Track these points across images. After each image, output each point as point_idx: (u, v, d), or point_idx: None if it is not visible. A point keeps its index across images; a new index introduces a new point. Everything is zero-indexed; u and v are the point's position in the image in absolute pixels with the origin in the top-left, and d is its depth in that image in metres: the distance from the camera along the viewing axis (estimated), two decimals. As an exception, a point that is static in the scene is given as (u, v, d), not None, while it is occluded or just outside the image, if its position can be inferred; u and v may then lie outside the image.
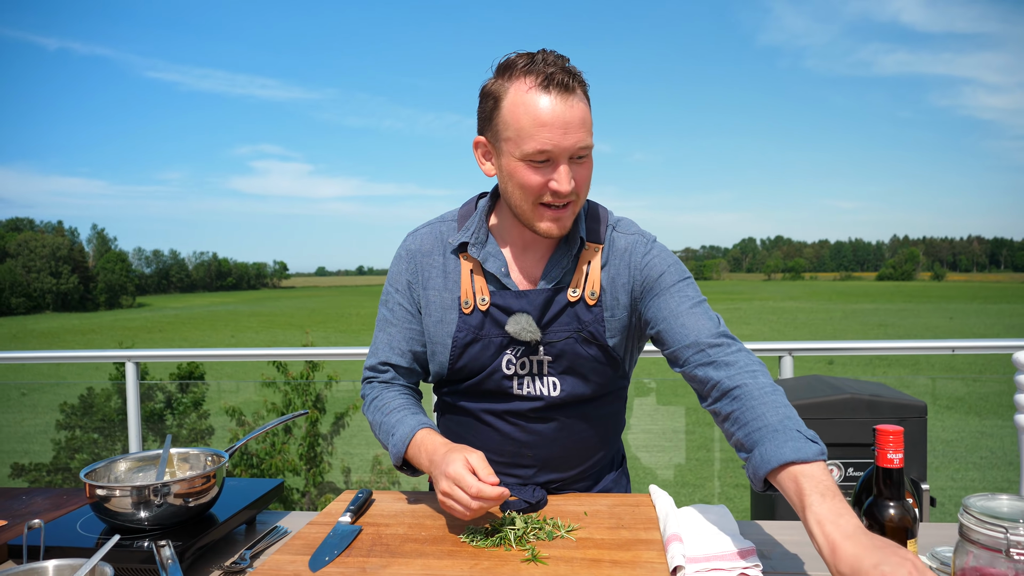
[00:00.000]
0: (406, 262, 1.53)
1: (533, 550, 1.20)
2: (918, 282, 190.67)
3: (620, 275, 1.46)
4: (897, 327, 46.34)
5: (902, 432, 1.05)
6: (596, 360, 1.45)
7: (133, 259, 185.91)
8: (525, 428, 1.48)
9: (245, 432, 8.30)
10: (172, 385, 9.37)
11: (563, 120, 1.28)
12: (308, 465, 7.68)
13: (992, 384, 10.21)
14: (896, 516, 1.04)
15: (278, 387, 8.17)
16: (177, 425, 8.98)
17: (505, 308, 1.44)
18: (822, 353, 3.08)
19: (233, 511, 1.40)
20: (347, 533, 1.29)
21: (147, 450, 1.49)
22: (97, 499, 1.28)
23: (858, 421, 2.37)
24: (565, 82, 1.28)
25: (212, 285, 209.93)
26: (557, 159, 1.31)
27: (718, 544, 1.28)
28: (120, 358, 3.25)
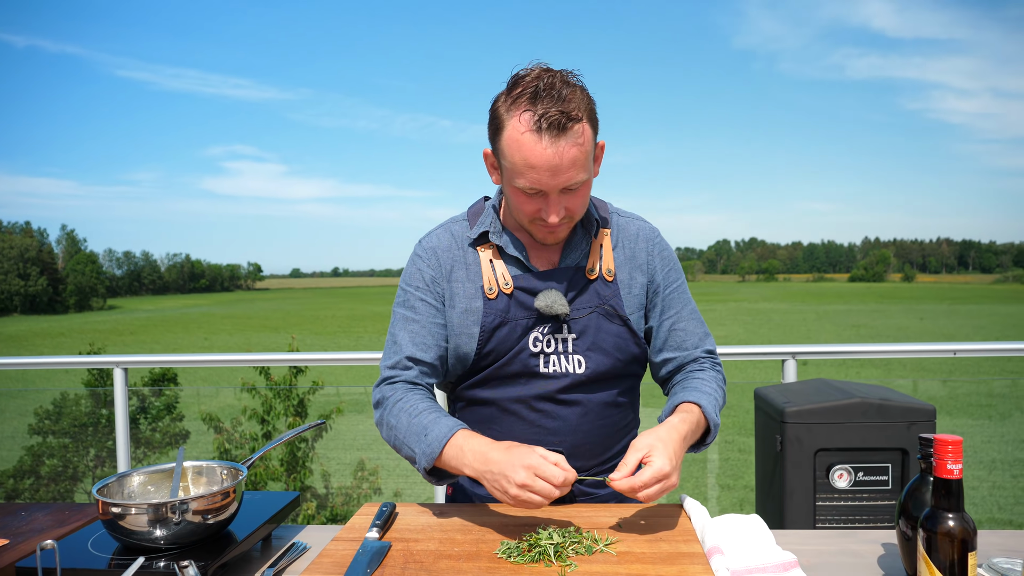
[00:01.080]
0: (426, 260, 1.55)
1: (574, 565, 1.16)
2: (889, 283, 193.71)
3: (636, 256, 1.57)
4: (869, 328, 46.98)
5: (961, 442, 1.02)
6: (618, 335, 1.52)
7: (104, 261, 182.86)
8: (550, 413, 1.49)
9: (224, 439, 8.16)
10: (146, 389, 9.18)
11: (552, 164, 1.33)
12: (289, 471, 7.57)
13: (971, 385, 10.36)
14: (956, 528, 1.01)
15: (258, 392, 8.03)
16: (151, 429, 8.82)
17: (530, 289, 1.49)
18: (823, 356, 3.07)
19: (252, 527, 1.35)
20: (377, 550, 1.24)
21: (160, 463, 1.42)
22: (111, 517, 1.22)
23: (868, 425, 2.36)
24: (560, 123, 1.31)
25: (185, 287, 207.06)
26: (548, 193, 1.38)
27: (760, 556, 1.25)
28: (108, 364, 3.16)
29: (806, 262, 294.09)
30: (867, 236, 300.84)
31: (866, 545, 1.39)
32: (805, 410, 2.37)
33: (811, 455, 2.37)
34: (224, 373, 14.59)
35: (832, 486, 2.38)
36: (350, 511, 7.98)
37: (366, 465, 8.33)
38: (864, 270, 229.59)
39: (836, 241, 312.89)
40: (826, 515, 2.38)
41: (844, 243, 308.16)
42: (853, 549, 1.37)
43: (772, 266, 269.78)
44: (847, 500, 2.39)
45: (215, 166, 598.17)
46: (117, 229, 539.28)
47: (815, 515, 2.38)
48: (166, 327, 60.35)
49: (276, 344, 39.20)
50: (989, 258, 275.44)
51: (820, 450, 2.37)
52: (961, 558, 1.01)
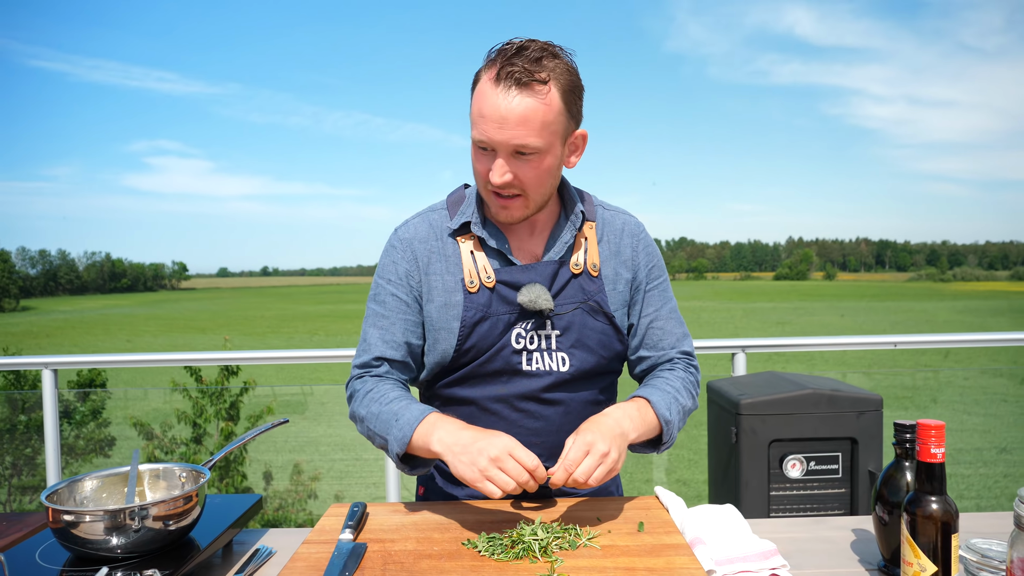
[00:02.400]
0: (401, 251, 1.48)
1: (560, 560, 1.13)
2: (812, 281, 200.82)
3: (622, 251, 1.52)
4: (793, 324, 48.56)
5: (944, 426, 1.04)
6: (602, 332, 1.48)
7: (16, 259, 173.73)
8: (533, 413, 1.45)
9: (154, 445, 7.83)
10: (70, 393, 8.74)
11: (499, 114, 1.29)
12: (220, 475, 7.31)
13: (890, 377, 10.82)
14: (939, 510, 1.03)
15: (189, 394, 7.74)
16: (75, 436, 8.40)
17: (512, 283, 1.43)
18: (773, 350, 3.13)
19: (215, 533, 1.27)
20: (353, 552, 1.19)
21: (114, 467, 1.33)
22: (63, 525, 1.13)
23: (818, 416, 2.41)
24: (519, 77, 1.29)
25: (105, 287, 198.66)
26: (496, 150, 1.33)
27: (740, 546, 1.25)
28: (35, 365, 2.97)
29: (733, 261, 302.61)
30: (791, 236, 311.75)
31: (838, 531, 1.41)
32: (759, 402, 2.40)
33: (765, 446, 2.41)
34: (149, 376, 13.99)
35: (785, 475, 2.42)
36: (286, 515, 7.78)
37: (304, 469, 8.13)
38: (788, 269, 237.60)
39: (762, 241, 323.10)
40: (780, 504, 2.43)
41: (769, 243, 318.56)
42: (826, 535, 1.39)
43: (701, 265, 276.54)
44: (799, 489, 2.44)
45: (138, 162, 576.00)
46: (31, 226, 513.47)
47: (769, 504, 2.43)
48: (85, 329, 57.71)
49: (204, 345, 37.94)
50: (904, 257, 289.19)
51: (774, 440, 2.41)
52: (945, 540, 1.03)
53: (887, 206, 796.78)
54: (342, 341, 34.74)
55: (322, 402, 10.55)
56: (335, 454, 9.56)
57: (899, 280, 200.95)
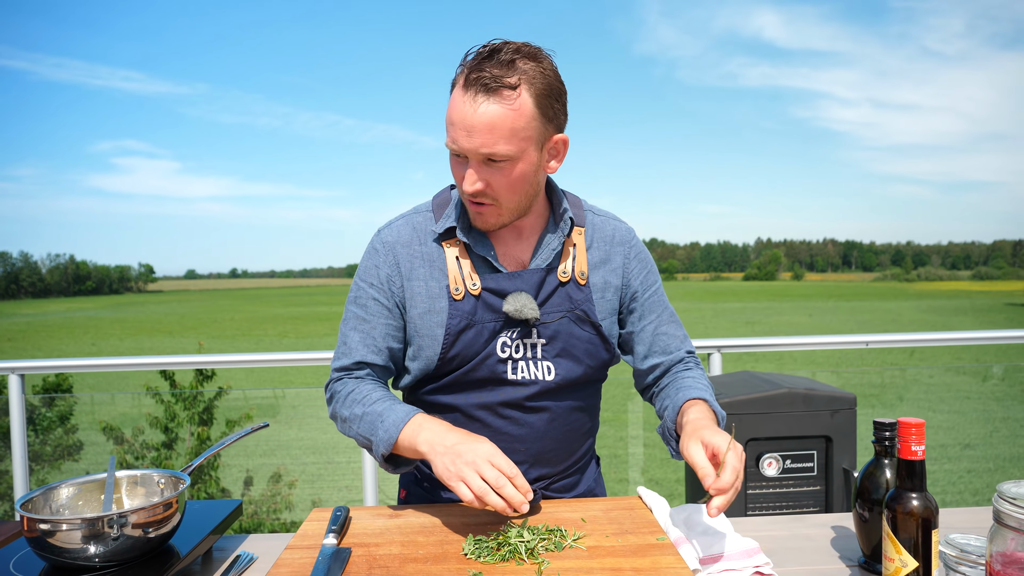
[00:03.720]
0: (383, 255, 1.45)
1: (547, 562, 1.13)
2: (780, 282, 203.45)
3: (612, 259, 1.50)
4: (763, 324, 49.16)
5: (924, 424, 1.06)
6: (589, 341, 1.46)
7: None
8: (517, 420, 1.44)
9: (124, 450, 7.68)
10: (35, 399, 8.55)
11: (467, 122, 1.28)
12: (193, 480, 7.20)
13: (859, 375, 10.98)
14: (920, 507, 1.05)
15: (161, 399, 7.61)
16: (40, 442, 8.22)
17: (498, 291, 1.41)
18: (749, 349, 3.17)
19: (195, 540, 1.26)
20: (338, 556, 1.17)
21: (91, 474, 1.30)
22: (39, 533, 1.11)
23: (795, 415, 2.44)
24: (486, 83, 1.26)
25: (69, 290, 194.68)
26: (468, 157, 1.32)
27: (723, 545, 1.26)
28: (1, 370, 2.90)
29: (703, 262, 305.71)
30: (760, 237, 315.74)
31: (818, 529, 1.43)
32: (737, 401, 2.43)
33: (742, 445, 2.43)
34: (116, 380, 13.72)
35: (762, 474, 2.45)
36: (260, 522, 7.68)
37: (284, 475, 8.03)
38: (757, 269, 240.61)
39: (731, 242, 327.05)
40: (757, 502, 2.46)
41: (739, 243, 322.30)
42: (805, 533, 1.41)
43: (672, 266, 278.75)
44: (776, 487, 2.47)
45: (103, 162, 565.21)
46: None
47: (746, 503, 2.45)
48: (49, 332, 56.49)
49: (173, 348, 37.31)
50: (870, 257, 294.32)
51: (751, 439, 2.44)
52: (925, 536, 1.05)
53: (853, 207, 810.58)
54: (313, 343, 34.43)
55: (294, 405, 10.44)
56: (307, 457, 9.46)
57: (865, 280, 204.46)
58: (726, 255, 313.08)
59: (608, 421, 6.33)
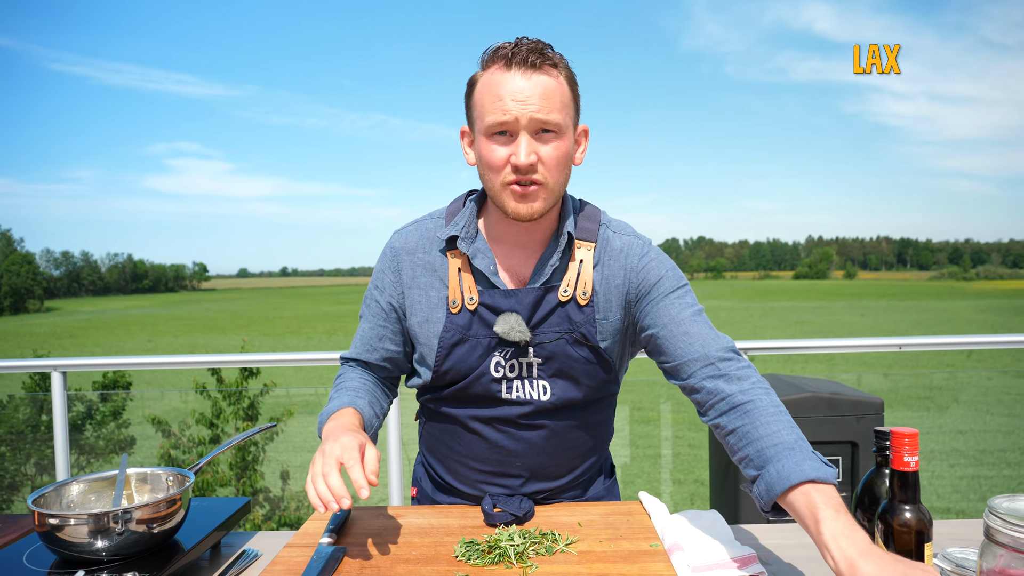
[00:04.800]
0: (389, 260, 1.49)
1: (535, 566, 1.14)
2: (831, 280, 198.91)
3: (615, 276, 1.40)
4: (813, 324, 48.15)
5: (917, 435, 1.03)
6: (587, 362, 1.40)
7: (41, 261, 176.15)
8: (513, 436, 1.42)
9: (171, 444, 7.92)
10: (93, 394, 8.87)
11: (519, 90, 1.28)
12: (237, 475, 7.38)
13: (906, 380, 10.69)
14: (913, 520, 1.03)
15: (208, 395, 7.83)
16: (95, 436, 8.52)
17: (494, 308, 1.38)
18: (774, 352, 3.11)
19: (200, 535, 1.29)
20: (332, 556, 1.20)
21: (97, 471, 1.35)
22: (48, 528, 1.15)
23: (818, 419, 2.40)
24: (530, 60, 1.29)
25: (127, 288, 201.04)
26: (517, 132, 1.29)
27: (719, 552, 1.25)
28: (45, 367, 3.02)
29: (752, 260, 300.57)
30: (810, 235, 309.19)
31: (822, 538, 1.40)
32: (758, 405, 2.39)
33: (764, 449, 2.40)
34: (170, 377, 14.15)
35: (784, 479, 2.41)
36: (302, 516, 7.84)
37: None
38: (808, 268, 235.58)
39: (781, 240, 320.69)
40: (779, 509, 2.42)
41: (789, 242, 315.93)
42: (809, 543, 1.38)
43: (720, 264, 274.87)
44: (799, 493, 2.42)
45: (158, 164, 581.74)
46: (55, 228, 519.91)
47: (768, 508, 2.42)
48: (107, 329, 58.46)
49: (224, 346, 38.26)
50: (926, 256, 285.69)
51: (773, 444, 2.40)
52: (918, 549, 1.03)
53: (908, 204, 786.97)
54: (359, 341, 34.84)
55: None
56: (352, 454, 9.63)
57: (921, 279, 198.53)
58: (776, 253, 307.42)
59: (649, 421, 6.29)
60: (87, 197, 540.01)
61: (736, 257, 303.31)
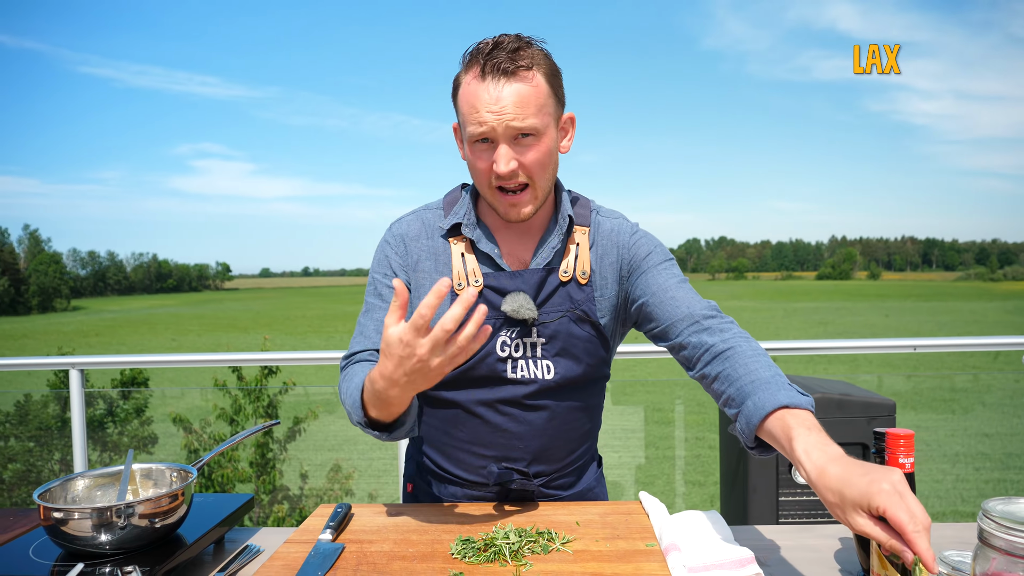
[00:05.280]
0: (393, 246, 1.51)
1: (529, 564, 1.14)
2: (855, 281, 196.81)
3: (608, 255, 1.50)
4: (836, 325, 47.68)
5: (913, 435, 1.02)
6: (588, 340, 1.47)
7: (67, 260, 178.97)
8: (516, 418, 1.45)
9: (194, 439, 8.02)
10: (114, 392, 9.00)
11: (494, 99, 1.31)
12: (258, 472, 7.46)
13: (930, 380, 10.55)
14: (907, 522, 1.01)
15: (228, 392, 7.92)
16: (118, 433, 8.64)
17: (499, 289, 1.43)
18: (789, 353, 3.09)
19: (202, 531, 1.31)
20: (330, 552, 1.21)
21: (106, 466, 1.38)
22: (53, 522, 1.18)
23: (828, 421, 2.38)
24: (505, 68, 1.31)
25: (152, 287, 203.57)
26: (497, 141, 1.34)
27: (716, 552, 1.24)
28: (63, 365, 3.07)
29: (774, 260, 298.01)
30: (834, 235, 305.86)
31: (824, 540, 1.39)
32: (768, 406, 2.38)
33: (774, 451, 2.38)
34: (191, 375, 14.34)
35: (794, 481, 2.39)
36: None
37: (342, 467, 8.23)
38: (831, 268, 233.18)
39: (804, 240, 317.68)
40: (789, 510, 2.40)
41: (811, 242, 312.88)
42: (810, 544, 1.37)
43: (741, 264, 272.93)
44: (809, 495, 2.41)
45: (182, 164, 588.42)
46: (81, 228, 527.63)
47: (778, 510, 2.40)
48: (132, 328, 59.30)
49: (246, 344, 38.68)
50: (952, 256, 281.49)
51: (782, 445, 2.39)
52: (913, 551, 1.01)
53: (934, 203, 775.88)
54: (379, 341, 35.04)
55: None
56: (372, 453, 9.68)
57: (947, 279, 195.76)
58: (798, 253, 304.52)
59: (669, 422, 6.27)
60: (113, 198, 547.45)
61: (758, 257, 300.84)
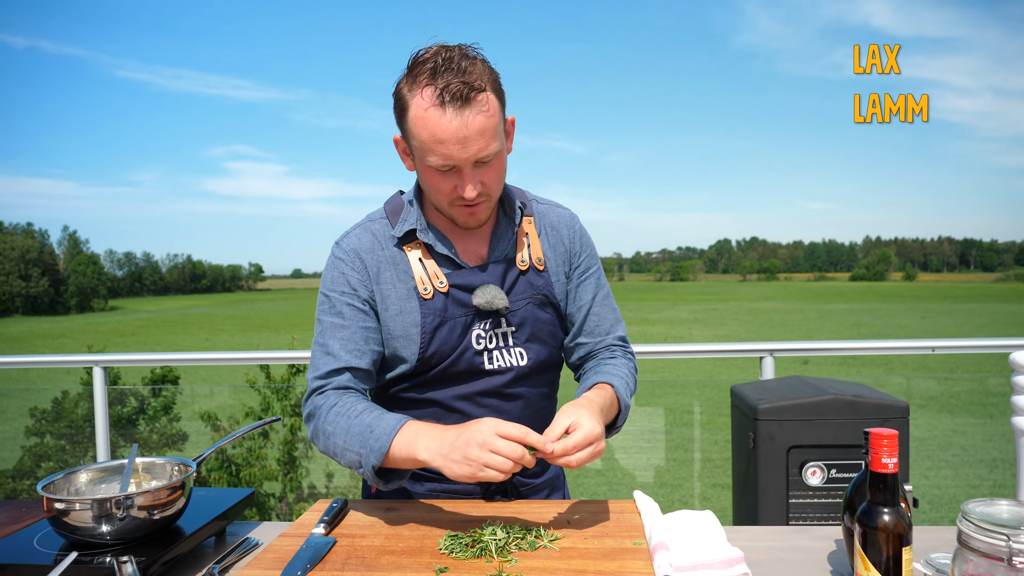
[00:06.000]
0: (348, 263, 1.48)
1: (514, 560, 1.15)
2: (890, 282, 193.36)
3: (559, 245, 1.58)
4: (871, 327, 46.92)
5: (896, 435, 1.02)
6: (551, 323, 1.55)
7: (105, 261, 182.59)
8: (495, 408, 1.50)
9: (221, 437, 8.15)
10: (145, 389, 9.18)
11: (459, 136, 1.30)
12: (285, 470, 7.56)
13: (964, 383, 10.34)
14: (890, 522, 1.01)
15: (258, 391, 8.04)
16: (148, 430, 8.81)
17: (465, 286, 1.47)
18: (803, 353, 3.06)
19: (201, 523, 1.34)
20: (320, 545, 1.24)
21: (112, 459, 1.42)
22: (55, 513, 1.22)
23: (840, 422, 2.35)
24: (462, 94, 1.29)
25: (186, 288, 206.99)
26: (461, 167, 1.35)
27: (705, 552, 1.24)
28: (87, 363, 3.16)
29: (807, 261, 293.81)
30: (868, 235, 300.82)
31: (819, 541, 1.38)
32: (777, 407, 2.36)
33: (784, 452, 2.36)
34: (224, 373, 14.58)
35: (805, 483, 2.37)
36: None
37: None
38: (865, 269, 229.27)
39: (837, 240, 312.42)
40: (800, 512, 2.38)
41: (845, 242, 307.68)
42: (805, 545, 1.37)
43: (773, 265, 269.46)
44: (820, 497, 2.38)
45: (216, 166, 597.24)
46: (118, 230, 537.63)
47: (788, 512, 2.38)
48: (167, 328, 60.40)
49: (278, 343, 39.18)
50: (991, 257, 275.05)
51: (793, 447, 2.36)
52: (896, 553, 1.01)
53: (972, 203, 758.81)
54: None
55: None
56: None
57: (985, 281, 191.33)
58: (831, 254, 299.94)
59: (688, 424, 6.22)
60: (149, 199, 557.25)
61: (790, 258, 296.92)
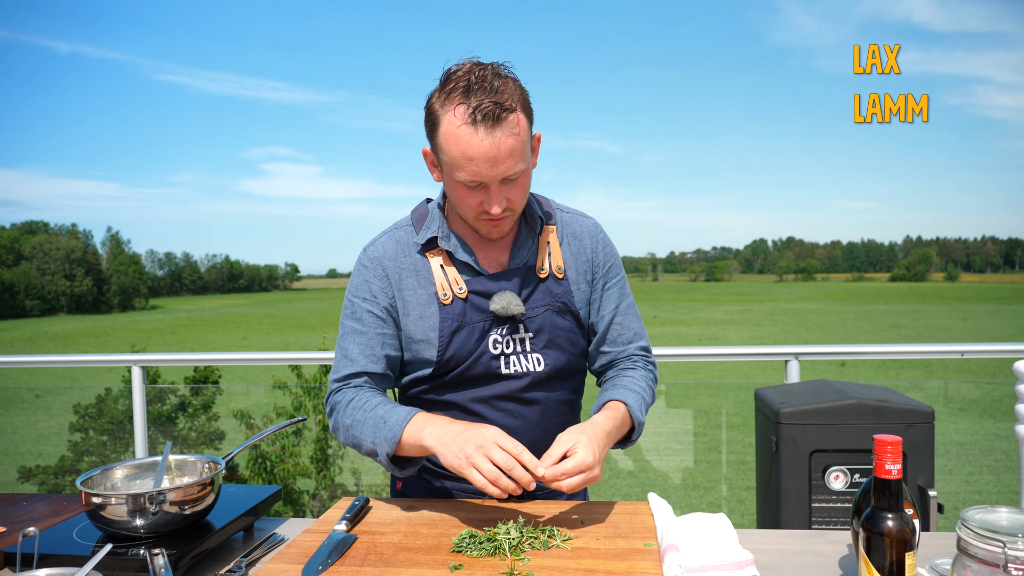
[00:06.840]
0: (372, 270, 1.56)
1: (527, 559, 1.19)
2: (931, 283, 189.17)
3: (581, 254, 1.61)
4: (910, 328, 45.99)
5: (900, 442, 1.03)
6: (570, 331, 1.57)
7: (146, 261, 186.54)
8: (512, 412, 1.54)
9: (254, 435, 8.30)
10: (185, 388, 9.40)
11: (489, 155, 1.35)
12: (318, 468, 7.70)
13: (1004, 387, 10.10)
14: (894, 528, 1.02)
15: (290, 390, 8.20)
16: (188, 427, 9.02)
17: (484, 292, 1.52)
18: (828, 357, 3.05)
19: (229, 518, 1.40)
20: (342, 542, 1.29)
21: (147, 456, 1.49)
22: (93, 507, 1.29)
23: (863, 427, 2.35)
24: (494, 114, 1.33)
25: (224, 287, 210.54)
26: (488, 184, 1.40)
27: (715, 554, 1.27)
28: (126, 362, 3.27)
29: (845, 261, 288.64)
30: (908, 235, 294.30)
31: (833, 546, 1.39)
32: (800, 411, 2.36)
33: (806, 456, 2.36)
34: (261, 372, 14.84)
35: (828, 487, 2.37)
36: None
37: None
38: (905, 270, 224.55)
39: (876, 240, 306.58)
40: (822, 516, 2.38)
41: (884, 242, 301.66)
42: (817, 549, 1.38)
43: (810, 266, 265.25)
44: (844, 501, 2.38)
45: (254, 168, 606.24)
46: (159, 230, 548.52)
47: (811, 516, 2.38)
48: (206, 327, 61.59)
49: (312, 343, 39.72)
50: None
51: (815, 451, 2.36)
52: (899, 558, 1.02)
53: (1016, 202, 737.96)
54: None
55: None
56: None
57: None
58: (871, 254, 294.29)
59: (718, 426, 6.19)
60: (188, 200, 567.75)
61: (828, 258, 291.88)
